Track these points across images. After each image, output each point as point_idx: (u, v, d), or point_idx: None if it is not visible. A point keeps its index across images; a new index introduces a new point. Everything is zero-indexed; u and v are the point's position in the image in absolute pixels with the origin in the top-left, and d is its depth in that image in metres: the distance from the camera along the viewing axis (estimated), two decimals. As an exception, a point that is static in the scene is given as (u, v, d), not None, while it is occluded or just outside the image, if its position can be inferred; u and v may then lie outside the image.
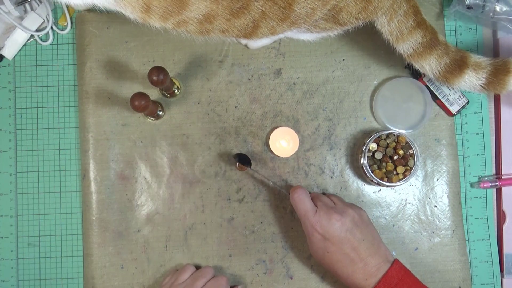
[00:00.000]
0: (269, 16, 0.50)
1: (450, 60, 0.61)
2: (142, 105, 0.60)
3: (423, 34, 0.60)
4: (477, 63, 0.61)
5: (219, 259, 0.70)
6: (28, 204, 0.72)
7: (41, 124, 0.72)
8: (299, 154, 0.71)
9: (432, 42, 0.60)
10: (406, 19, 0.59)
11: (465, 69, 0.61)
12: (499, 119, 0.73)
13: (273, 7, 0.49)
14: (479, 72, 0.61)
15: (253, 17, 0.50)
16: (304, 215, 0.63)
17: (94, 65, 0.71)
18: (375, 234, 0.63)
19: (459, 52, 0.61)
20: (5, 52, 0.72)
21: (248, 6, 0.48)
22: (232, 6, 0.48)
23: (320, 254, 0.62)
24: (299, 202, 0.64)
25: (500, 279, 0.72)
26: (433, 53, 0.60)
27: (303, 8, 0.50)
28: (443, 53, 0.60)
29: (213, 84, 0.72)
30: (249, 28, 0.51)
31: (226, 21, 0.50)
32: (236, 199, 0.71)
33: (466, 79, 0.61)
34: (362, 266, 0.60)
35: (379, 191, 0.72)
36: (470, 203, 0.72)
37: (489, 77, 0.60)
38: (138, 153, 0.71)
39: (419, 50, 0.60)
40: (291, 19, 0.51)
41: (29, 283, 0.71)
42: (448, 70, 0.61)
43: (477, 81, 0.61)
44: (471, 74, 0.61)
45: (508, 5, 0.67)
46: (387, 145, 0.68)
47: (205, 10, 0.48)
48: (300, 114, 0.72)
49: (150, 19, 0.48)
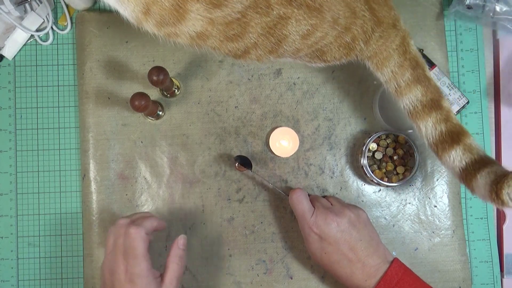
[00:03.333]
0: (260, 47, 0.52)
1: (446, 130, 0.56)
2: (142, 105, 0.60)
3: (423, 91, 0.56)
4: (470, 146, 0.55)
5: (219, 259, 0.70)
6: (28, 204, 0.72)
7: (41, 124, 0.72)
8: (299, 154, 0.71)
9: (433, 103, 0.56)
10: (401, 71, 0.56)
11: (455, 145, 0.56)
12: (499, 119, 0.73)
13: (265, 41, 0.51)
14: (466, 154, 0.55)
15: (245, 44, 0.51)
16: (302, 216, 0.63)
17: (94, 65, 0.71)
18: (373, 234, 0.63)
19: (459, 127, 0.57)
20: (5, 52, 0.72)
21: (242, 36, 0.50)
22: (226, 32, 0.49)
23: (318, 255, 0.62)
24: (297, 203, 0.64)
25: (500, 279, 0.72)
26: (432, 115, 0.56)
27: (290, 46, 0.52)
28: (442, 119, 0.56)
29: (213, 84, 0.72)
30: (240, 51, 0.53)
31: (219, 41, 0.51)
32: (236, 199, 0.71)
33: (452, 156, 0.56)
34: (361, 267, 0.60)
35: (379, 191, 0.72)
36: (470, 203, 0.72)
37: (468, 165, 0.55)
38: (138, 153, 0.71)
39: (418, 109, 0.57)
40: (278, 53, 0.53)
41: (29, 283, 0.71)
42: (440, 140, 0.56)
43: (459, 163, 0.55)
44: (458, 152, 0.55)
45: (508, 5, 0.67)
46: (387, 145, 0.68)
47: (199, 29, 0.49)
48: (300, 114, 0.72)
49: (146, 23, 0.49)
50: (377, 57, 0.56)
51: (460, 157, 0.55)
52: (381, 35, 0.54)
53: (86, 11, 0.72)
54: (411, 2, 0.72)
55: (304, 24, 0.50)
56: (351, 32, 0.53)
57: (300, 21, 0.49)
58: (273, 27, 0.49)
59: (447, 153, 0.56)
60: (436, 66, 0.71)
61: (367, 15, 0.52)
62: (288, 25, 0.49)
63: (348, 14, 0.51)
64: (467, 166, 0.55)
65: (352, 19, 0.52)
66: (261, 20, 0.49)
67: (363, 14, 0.52)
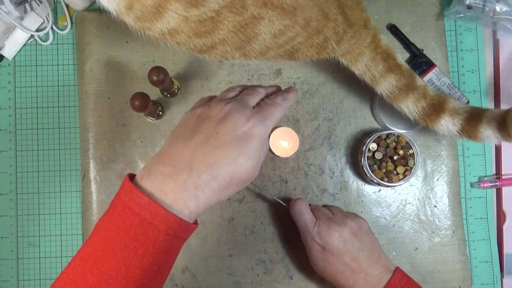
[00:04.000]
0: (227, 42, 0.51)
1: (427, 104, 0.60)
2: (142, 105, 0.60)
3: (397, 78, 0.60)
4: (455, 109, 0.60)
5: (219, 259, 0.70)
6: (28, 204, 0.72)
7: (41, 124, 0.72)
8: (299, 154, 0.71)
9: (408, 86, 0.60)
10: (374, 64, 0.60)
11: (442, 114, 0.60)
12: (499, 119, 0.73)
13: (234, 37, 0.51)
14: (455, 118, 0.60)
15: (213, 40, 0.51)
16: (304, 227, 0.63)
17: (94, 65, 0.71)
18: (375, 244, 0.63)
19: (438, 97, 0.61)
20: (5, 52, 0.72)
21: (212, 33, 0.50)
22: (198, 29, 0.49)
23: (321, 266, 0.62)
24: (299, 215, 0.64)
25: (500, 279, 0.72)
26: (409, 96, 0.61)
27: (260, 45, 0.52)
28: (420, 97, 0.60)
29: (213, 84, 0.72)
30: (205, 47, 0.53)
31: (187, 37, 0.51)
32: (236, 199, 0.71)
33: (443, 124, 0.61)
34: (364, 277, 0.60)
35: (379, 191, 0.72)
36: (470, 203, 0.72)
37: (464, 124, 0.60)
38: (138, 153, 0.71)
39: (395, 93, 0.61)
40: (246, 50, 0.53)
41: (29, 283, 0.71)
42: (425, 114, 0.61)
43: (453, 127, 0.60)
44: (447, 119, 0.60)
45: (508, 5, 0.67)
46: (387, 145, 0.68)
47: (173, 25, 0.49)
48: (300, 114, 0.72)
49: (126, 16, 0.50)
50: (350, 55, 0.60)
51: (452, 122, 0.60)
52: (353, 36, 0.57)
53: (86, 11, 0.72)
54: (411, 2, 0.72)
55: (277, 24, 0.50)
56: (323, 34, 0.55)
57: (273, 22, 0.50)
58: (245, 26, 0.50)
59: (438, 123, 0.60)
60: (436, 66, 0.71)
61: (340, 18, 0.55)
62: (260, 25, 0.50)
63: (321, 18, 0.53)
64: (463, 127, 0.60)
65: (325, 22, 0.53)
66: (234, 19, 0.49)
67: (336, 18, 0.54)
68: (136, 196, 0.45)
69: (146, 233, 0.44)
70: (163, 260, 0.46)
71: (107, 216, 0.46)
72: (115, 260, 0.44)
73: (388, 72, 0.60)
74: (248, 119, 0.49)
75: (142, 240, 0.44)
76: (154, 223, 0.44)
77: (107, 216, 0.46)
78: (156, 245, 0.45)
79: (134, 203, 0.45)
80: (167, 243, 0.45)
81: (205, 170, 0.46)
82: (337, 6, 0.54)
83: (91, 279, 0.44)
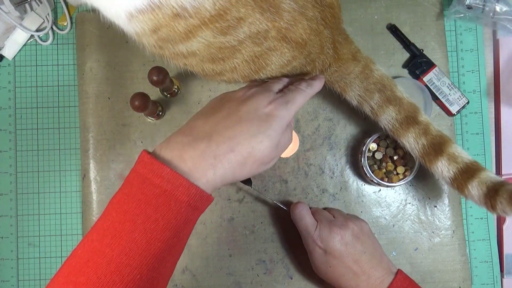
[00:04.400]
0: (237, 71, 0.52)
1: (427, 143, 0.59)
2: (142, 105, 0.60)
3: (396, 110, 0.60)
4: (454, 155, 0.58)
5: (219, 259, 0.70)
6: (28, 204, 0.72)
7: (41, 124, 0.72)
8: (299, 154, 0.71)
9: (409, 119, 0.60)
10: (368, 95, 0.61)
11: (439, 157, 0.59)
12: (499, 119, 0.73)
13: (245, 67, 0.51)
14: (451, 164, 0.58)
15: (223, 68, 0.51)
16: (305, 231, 0.63)
17: (94, 65, 0.71)
18: (376, 246, 0.63)
19: (440, 138, 0.59)
20: (5, 52, 0.72)
21: (227, 60, 0.50)
22: (215, 54, 0.49)
23: (323, 269, 0.62)
24: (300, 218, 0.64)
25: (500, 279, 0.72)
26: (410, 131, 0.60)
27: (266, 74, 0.54)
28: (421, 133, 0.59)
29: (213, 84, 0.72)
30: (214, 72, 0.53)
31: (199, 61, 0.50)
32: (236, 199, 0.71)
33: (439, 167, 0.59)
34: (366, 279, 0.60)
35: (379, 191, 0.72)
36: (470, 203, 0.72)
37: (457, 174, 0.58)
38: (138, 153, 0.70)
39: (396, 126, 0.60)
40: (252, 78, 0.54)
41: (29, 283, 0.71)
42: (425, 152, 0.60)
43: (447, 173, 0.59)
44: (444, 163, 0.59)
45: (508, 5, 0.67)
46: (387, 145, 0.68)
47: (194, 49, 0.48)
48: (300, 114, 0.72)
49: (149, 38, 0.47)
50: (337, 84, 0.61)
51: (447, 168, 0.59)
52: (336, 69, 0.59)
53: (86, 11, 0.72)
54: (411, 2, 0.72)
55: (287, 56, 0.52)
56: (313, 63, 0.57)
57: (285, 54, 0.51)
58: (259, 56, 0.50)
59: (434, 165, 0.59)
60: (436, 66, 0.71)
61: (331, 52, 0.57)
62: (273, 56, 0.51)
63: (318, 50, 0.55)
64: (455, 176, 0.58)
65: (319, 54, 0.56)
66: (252, 49, 0.49)
67: (328, 52, 0.56)
68: (157, 167, 0.44)
69: (168, 204, 0.44)
70: (183, 233, 0.46)
71: (125, 191, 0.45)
72: (135, 232, 0.43)
73: (386, 103, 0.60)
74: (270, 102, 0.49)
75: (164, 212, 0.43)
76: (176, 194, 0.44)
77: (124, 190, 0.45)
78: (178, 216, 0.44)
79: (155, 175, 0.44)
80: (188, 214, 0.45)
81: (224, 141, 0.46)
82: (331, 42, 0.56)
83: (110, 254, 0.42)
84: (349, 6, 0.72)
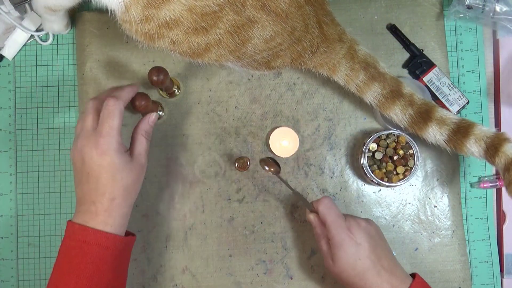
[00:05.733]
0: (223, 45, 0.55)
1: (414, 112, 0.63)
2: (142, 105, 0.60)
3: (381, 86, 0.63)
4: (442, 119, 0.62)
5: (219, 259, 0.70)
6: (28, 204, 0.72)
7: (41, 124, 0.72)
8: (299, 154, 0.71)
9: (394, 93, 0.63)
10: (354, 73, 0.64)
11: (429, 122, 0.62)
12: (499, 119, 0.73)
13: (230, 39, 0.54)
14: (442, 128, 0.62)
15: (208, 40, 0.54)
16: (336, 222, 0.60)
17: (94, 65, 0.71)
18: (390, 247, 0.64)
19: (425, 105, 0.63)
20: (5, 52, 0.72)
21: (210, 29, 0.53)
22: (198, 23, 0.52)
23: (351, 262, 0.59)
24: (330, 209, 0.61)
25: (500, 279, 0.72)
26: (396, 104, 0.63)
27: (253, 48, 0.56)
28: (407, 104, 0.63)
29: (213, 84, 0.72)
30: (200, 49, 0.55)
31: (184, 33, 0.53)
32: (236, 199, 0.71)
33: (430, 132, 0.62)
34: (388, 277, 0.59)
35: (379, 191, 0.72)
36: (470, 203, 0.72)
37: (450, 135, 0.61)
38: (138, 153, 0.71)
39: (382, 101, 0.64)
40: (239, 53, 0.57)
41: (29, 283, 0.71)
42: (413, 122, 0.63)
43: (440, 136, 0.62)
44: (435, 128, 0.62)
45: (508, 5, 0.67)
46: (387, 145, 0.68)
47: (175, 14, 0.51)
48: (300, 114, 0.72)
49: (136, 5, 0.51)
50: (326, 66, 0.64)
51: (439, 132, 0.62)
52: (326, 50, 0.62)
53: (86, 11, 0.72)
54: (411, 2, 0.72)
55: (269, 30, 0.54)
56: (301, 44, 0.59)
57: (266, 27, 0.54)
58: (241, 27, 0.53)
59: (426, 131, 0.63)
60: (436, 66, 0.71)
61: (316, 32, 0.60)
62: (254, 29, 0.54)
63: (302, 28, 0.57)
64: (449, 138, 0.62)
65: (304, 33, 0.58)
66: (233, 18, 0.52)
67: (313, 31, 0.59)
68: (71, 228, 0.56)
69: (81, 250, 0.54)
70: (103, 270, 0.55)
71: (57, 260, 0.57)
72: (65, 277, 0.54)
73: (371, 80, 0.63)
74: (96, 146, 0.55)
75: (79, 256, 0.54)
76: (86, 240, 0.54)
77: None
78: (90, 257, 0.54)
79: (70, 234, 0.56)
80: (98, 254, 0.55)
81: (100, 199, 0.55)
82: (316, 21, 0.59)
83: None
84: (349, 6, 0.72)
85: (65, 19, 0.70)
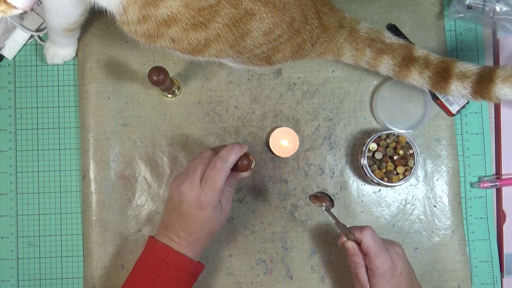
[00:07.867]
0: (222, 40, 0.55)
1: (432, 73, 0.62)
2: (244, 165, 0.60)
3: (391, 56, 0.63)
4: (462, 73, 0.61)
5: (219, 259, 0.70)
6: (28, 204, 0.72)
7: (41, 124, 0.72)
8: (299, 154, 0.71)
9: (406, 60, 0.63)
10: (360, 52, 0.63)
11: (449, 80, 0.61)
12: (499, 119, 0.73)
13: (229, 33, 0.54)
14: (465, 81, 0.61)
15: (208, 35, 0.54)
16: (381, 256, 0.59)
17: (94, 65, 0.71)
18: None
19: (443, 63, 0.62)
20: (5, 52, 0.72)
21: (209, 24, 0.53)
22: (196, 18, 0.52)
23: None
24: (375, 242, 0.59)
25: (500, 279, 0.72)
26: (411, 70, 0.63)
27: (252, 41, 0.56)
28: (423, 67, 0.62)
29: (213, 84, 0.72)
30: (200, 45, 0.56)
31: (182, 30, 0.53)
32: (236, 199, 0.71)
33: (454, 89, 0.62)
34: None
35: (379, 191, 0.72)
36: (470, 203, 0.72)
37: (474, 86, 0.60)
38: (138, 153, 0.71)
39: (397, 71, 0.63)
40: (239, 48, 0.57)
41: (29, 283, 0.71)
42: (434, 83, 0.62)
43: (464, 90, 0.61)
44: (457, 84, 0.61)
45: (508, 5, 0.67)
46: (387, 145, 0.68)
47: (172, 11, 0.51)
48: (300, 114, 0.72)
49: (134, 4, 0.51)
50: (330, 52, 0.64)
51: (462, 86, 0.61)
52: (326, 40, 0.62)
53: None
54: (411, 2, 0.72)
55: (267, 22, 0.54)
56: (301, 35, 0.59)
57: (264, 19, 0.54)
58: (239, 20, 0.53)
59: (449, 89, 0.61)
60: (436, 66, 0.71)
61: (316, 22, 0.59)
62: (253, 21, 0.54)
63: (301, 19, 0.57)
64: (474, 89, 0.60)
65: (303, 24, 0.58)
66: (230, 11, 0.52)
67: (312, 22, 0.59)
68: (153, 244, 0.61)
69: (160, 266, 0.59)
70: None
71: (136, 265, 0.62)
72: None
73: (380, 54, 0.63)
74: (197, 198, 0.58)
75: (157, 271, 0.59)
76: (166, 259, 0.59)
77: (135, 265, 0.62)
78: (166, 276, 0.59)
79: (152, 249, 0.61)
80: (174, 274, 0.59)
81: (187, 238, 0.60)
82: (314, 11, 0.58)
83: None
84: (349, 6, 0.72)
85: (77, 41, 0.71)
